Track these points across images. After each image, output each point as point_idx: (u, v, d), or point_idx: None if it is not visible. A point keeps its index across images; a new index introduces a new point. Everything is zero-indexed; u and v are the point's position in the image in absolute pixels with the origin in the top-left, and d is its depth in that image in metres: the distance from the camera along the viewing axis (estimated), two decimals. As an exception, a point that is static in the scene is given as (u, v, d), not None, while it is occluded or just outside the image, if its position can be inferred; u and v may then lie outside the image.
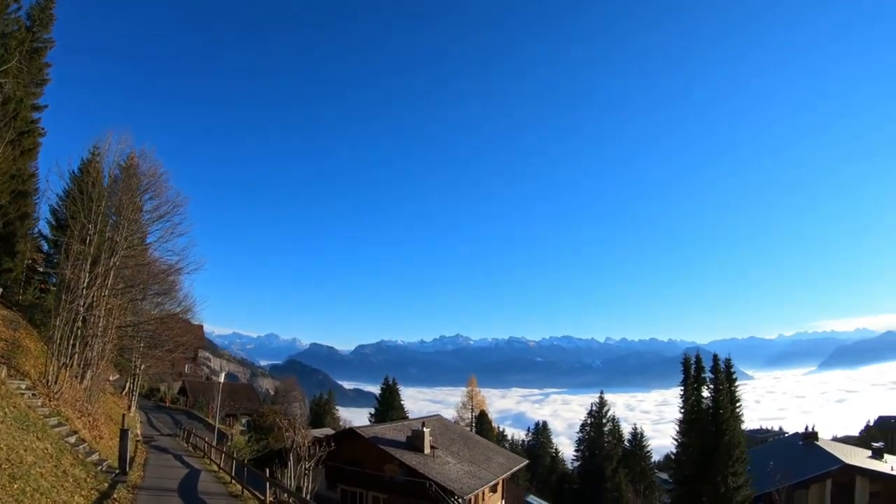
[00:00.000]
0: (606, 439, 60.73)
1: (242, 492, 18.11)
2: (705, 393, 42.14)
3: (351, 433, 37.27)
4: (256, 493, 17.49)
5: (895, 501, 36.91)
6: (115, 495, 13.07)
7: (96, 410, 22.94)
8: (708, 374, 42.32)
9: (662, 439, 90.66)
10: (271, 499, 15.73)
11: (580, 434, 66.26)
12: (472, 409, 79.86)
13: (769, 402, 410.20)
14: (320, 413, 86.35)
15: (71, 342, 19.75)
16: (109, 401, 35.19)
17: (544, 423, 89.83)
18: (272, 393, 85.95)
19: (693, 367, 43.37)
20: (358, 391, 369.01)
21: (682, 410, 43.42)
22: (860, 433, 77.85)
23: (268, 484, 15.62)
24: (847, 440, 67.76)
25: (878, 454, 48.62)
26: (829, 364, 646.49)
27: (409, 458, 36.85)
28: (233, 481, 20.47)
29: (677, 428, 43.81)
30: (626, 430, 65.58)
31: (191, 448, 33.12)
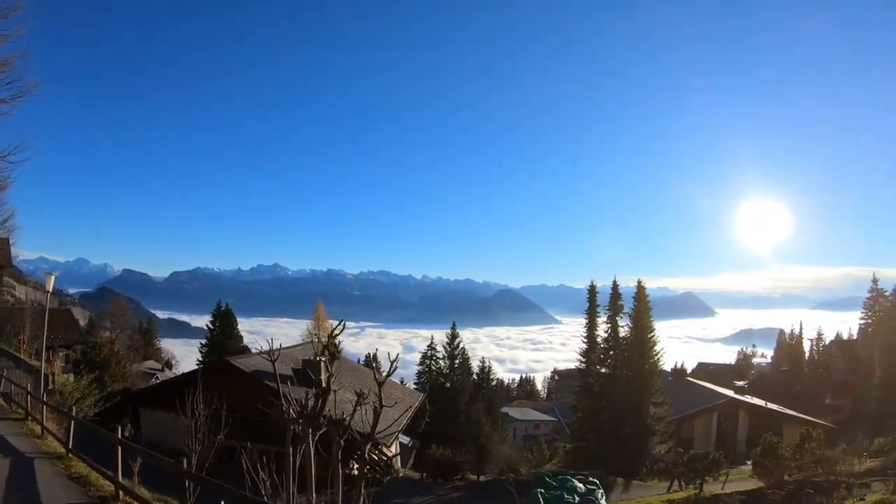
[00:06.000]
0: (457, 373, 59.55)
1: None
2: (624, 322, 41.51)
3: (223, 365, 29.81)
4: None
5: (767, 430, 40.21)
6: None
7: None
8: (630, 303, 42.04)
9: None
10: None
11: (421, 366, 64.47)
12: (318, 338, 73.88)
13: (575, 345, 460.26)
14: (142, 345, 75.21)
15: None
16: None
17: (375, 355, 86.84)
18: (82, 323, 72.39)
19: (610, 296, 42.73)
20: (172, 321, 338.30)
21: (586, 340, 42.68)
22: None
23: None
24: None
25: (740, 391, 55.95)
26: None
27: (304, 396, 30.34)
28: (122, 495, 10.27)
29: (582, 358, 42.98)
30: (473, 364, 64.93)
31: (1, 401, 21.53)
